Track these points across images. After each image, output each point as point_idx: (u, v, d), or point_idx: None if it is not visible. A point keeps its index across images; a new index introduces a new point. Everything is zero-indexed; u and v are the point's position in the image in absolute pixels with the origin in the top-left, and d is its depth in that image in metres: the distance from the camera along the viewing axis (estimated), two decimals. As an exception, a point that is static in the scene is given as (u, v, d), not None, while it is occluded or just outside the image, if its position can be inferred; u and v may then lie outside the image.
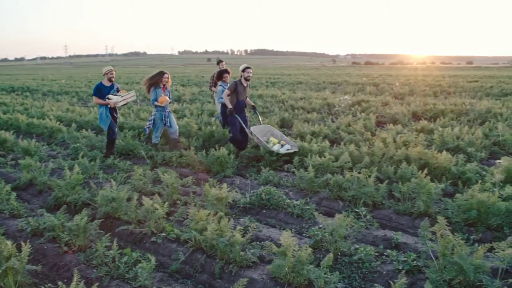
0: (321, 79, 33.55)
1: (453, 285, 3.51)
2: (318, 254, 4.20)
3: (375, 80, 30.41)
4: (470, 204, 4.74)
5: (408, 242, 4.54)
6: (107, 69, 8.42)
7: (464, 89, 21.84)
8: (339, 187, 5.72)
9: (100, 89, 8.30)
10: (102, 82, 8.38)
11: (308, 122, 10.80)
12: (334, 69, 75.72)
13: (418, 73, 48.47)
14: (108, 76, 8.35)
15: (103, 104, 8.26)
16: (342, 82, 29.15)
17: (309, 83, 29.59)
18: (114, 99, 8.23)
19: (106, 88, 8.35)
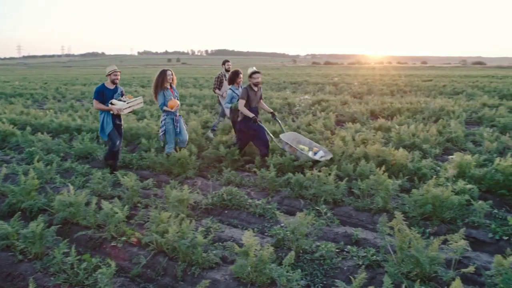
0: (281, 79, 33.80)
1: (411, 278, 3.63)
2: (280, 253, 4.23)
3: (334, 80, 30.93)
4: (425, 198, 4.91)
5: (367, 237, 4.66)
6: (111, 69, 7.21)
7: (419, 88, 22.56)
8: (300, 185, 5.80)
9: (102, 92, 7.12)
10: (104, 84, 7.23)
11: (269, 122, 10.84)
12: (294, 69, 76.51)
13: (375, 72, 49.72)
14: (112, 77, 7.17)
15: (105, 110, 7.11)
16: (303, 82, 29.49)
17: (269, 83, 29.74)
18: (118, 105, 7.09)
19: (109, 92, 7.20)
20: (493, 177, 5.81)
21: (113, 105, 7.08)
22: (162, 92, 7.27)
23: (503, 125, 10.45)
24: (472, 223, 4.86)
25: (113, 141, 7.23)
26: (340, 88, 22.77)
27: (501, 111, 12.26)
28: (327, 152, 7.14)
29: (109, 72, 7.18)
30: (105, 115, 7.17)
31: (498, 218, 5.00)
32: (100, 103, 7.10)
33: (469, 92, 20.03)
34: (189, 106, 15.06)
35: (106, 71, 7.23)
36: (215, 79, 10.01)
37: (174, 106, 7.23)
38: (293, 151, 6.89)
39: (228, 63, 10.06)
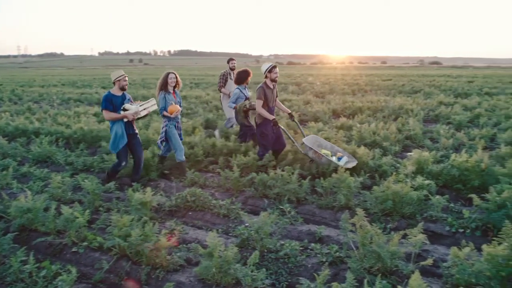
0: (245, 79, 33.81)
1: (373, 272, 3.72)
2: (245, 253, 4.24)
3: (297, 80, 31.24)
4: (386, 195, 5.05)
5: (331, 235, 4.73)
6: (118, 74, 6.40)
7: (379, 87, 23.13)
8: (264, 185, 5.83)
9: (110, 100, 6.33)
10: (111, 92, 6.43)
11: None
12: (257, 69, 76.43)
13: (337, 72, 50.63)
14: (121, 83, 6.37)
15: (118, 118, 6.33)
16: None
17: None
18: (133, 109, 6.37)
19: (118, 99, 6.41)
20: (449, 173, 6.04)
21: (126, 111, 6.34)
22: (164, 96, 6.81)
23: (458, 122, 10.86)
24: (430, 217, 5.03)
25: (120, 160, 6.53)
26: (303, 88, 23.05)
27: (456, 109, 12.75)
28: (351, 157, 6.79)
29: (117, 78, 6.37)
30: (118, 126, 6.37)
31: (454, 211, 5.19)
32: (111, 112, 6.33)
33: (426, 91, 20.71)
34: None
35: (112, 77, 6.42)
36: (220, 78, 9.53)
37: (173, 112, 6.76)
38: (318, 156, 6.49)
39: (233, 61, 9.68)
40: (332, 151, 6.94)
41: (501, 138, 8.62)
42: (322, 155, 6.43)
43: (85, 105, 17.14)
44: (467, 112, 12.61)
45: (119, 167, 6.59)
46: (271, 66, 6.75)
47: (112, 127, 6.43)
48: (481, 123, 10.99)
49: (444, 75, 40.06)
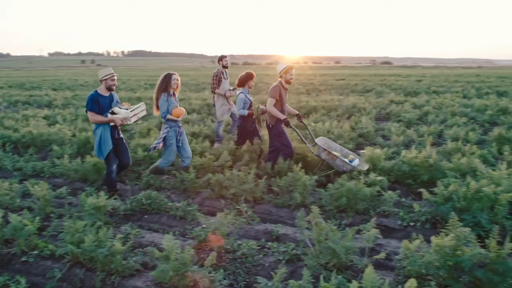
0: (200, 80, 33.70)
1: (329, 268, 3.79)
2: (203, 254, 4.21)
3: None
4: (340, 192, 5.17)
5: (287, 233, 4.78)
6: (106, 72, 5.88)
7: (333, 87, 23.62)
8: (220, 186, 5.82)
9: (97, 101, 5.78)
10: (98, 92, 5.88)
11: (188, 123, 10.77)
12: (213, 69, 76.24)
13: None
14: (108, 82, 5.86)
15: (105, 122, 5.84)
16: (221, 82, 29.51)
17: (188, 84, 29.52)
18: (122, 114, 5.86)
19: (105, 100, 5.88)
20: (400, 168, 6.26)
21: (115, 115, 5.86)
22: (166, 99, 6.27)
23: (408, 120, 11.26)
24: (383, 212, 5.19)
25: (109, 166, 6.00)
26: (259, 88, 23.16)
27: (406, 107, 13.21)
28: (360, 159, 6.58)
29: (104, 77, 5.85)
30: (102, 130, 5.86)
31: (405, 206, 5.38)
32: (97, 115, 5.80)
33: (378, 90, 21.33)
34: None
35: (99, 75, 5.89)
36: (213, 78, 8.77)
37: (180, 115, 6.29)
38: (332, 158, 6.19)
39: (225, 59, 8.97)
40: (342, 153, 6.75)
41: (448, 135, 9.03)
42: (336, 156, 6.17)
43: (34, 108, 16.48)
44: (416, 110, 13.09)
45: (111, 174, 6.05)
46: (287, 67, 6.53)
47: (96, 130, 5.91)
48: (429, 120, 11.45)
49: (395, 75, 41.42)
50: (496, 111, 12.90)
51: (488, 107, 13.55)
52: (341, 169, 6.12)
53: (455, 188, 4.95)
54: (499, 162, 6.54)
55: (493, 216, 4.63)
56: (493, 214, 4.64)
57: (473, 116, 12.33)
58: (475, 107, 13.78)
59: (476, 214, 4.62)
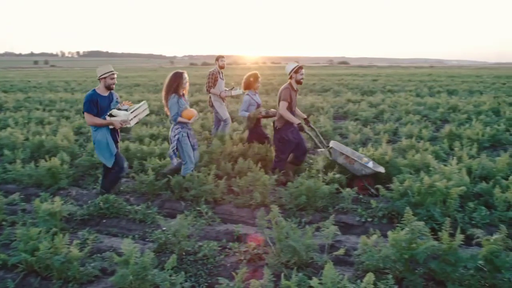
0: (159, 81, 33.24)
1: (290, 266, 3.83)
2: (163, 257, 4.16)
3: (212, 80, 31.20)
4: (300, 190, 5.24)
5: (248, 232, 4.79)
6: (105, 70, 5.46)
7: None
8: (180, 187, 5.76)
9: (95, 101, 5.39)
10: (96, 91, 5.50)
11: (147, 125, 10.61)
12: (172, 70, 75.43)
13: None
14: (108, 81, 5.48)
15: (103, 125, 5.49)
16: (180, 83, 29.24)
17: (146, 85, 29.10)
18: (121, 116, 5.49)
19: (104, 100, 5.50)
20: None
21: (113, 117, 5.48)
22: (177, 100, 5.83)
23: (364, 118, 11.55)
24: (342, 209, 5.30)
25: (119, 164, 5.67)
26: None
27: (362, 106, 13.54)
28: (375, 163, 6.34)
29: (103, 75, 5.44)
30: (102, 134, 5.50)
31: (363, 202, 5.51)
32: (95, 117, 5.43)
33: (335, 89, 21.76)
34: (60, 112, 14.06)
35: (98, 73, 5.48)
36: (209, 77, 8.49)
37: (191, 117, 5.90)
38: (350, 162, 5.94)
39: (222, 59, 8.62)
40: (353, 156, 6.37)
41: (402, 132, 9.34)
42: (354, 159, 5.95)
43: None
44: (372, 108, 13.47)
45: (122, 172, 5.79)
46: (297, 67, 6.23)
47: (96, 134, 5.51)
48: (385, 118, 11.79)
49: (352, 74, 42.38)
50: (447, 109, 13.46)
51: (440, 105, 14.13)
52: (359, 173, 5.93)
53: (409, 183, 5.12)
54: (450, 157, 6.82)
55: (445, 210, 4.82)
56: (445, 208, 4.83)
57: (426, 114, 12.82)
58: (427, 105, 14.35)
59: (429, 208, 4.80)
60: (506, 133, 9.62)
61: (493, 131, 9.11)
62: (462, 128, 9.68)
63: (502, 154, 6.63)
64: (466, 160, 6.32)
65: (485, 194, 5.43)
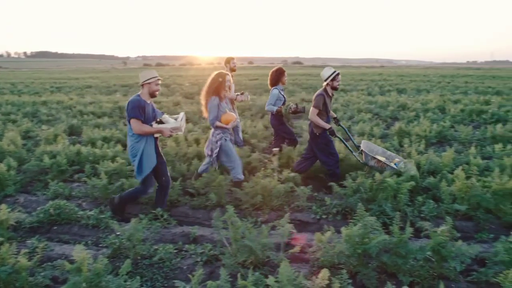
0: (111, 82, 32.49)
1: (246, 266, 3.85)
2: (118, 263, 4.07)
3: (166, 81, 30.87)
4: (255, 190, 5.26)
5: (205, 234, 4.77)
6: (150, 75, 4.98)
7: (246, 87, 23.92)
8: (135, 190, 5.65)
9: (143, 107, 4.87)
10: (141, 97, 4.99)
11: (99, 127, 10.34)
12: (125, 71, 74.09)
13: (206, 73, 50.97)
14: (152, 87, 4.98)
15: (152, 133, 4.97)
16: (134, 84, 28.76)
17: (99, 86, 28.33)
18: (171, 124, 5.04)
19: (148, 108, 4.98)
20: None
21: (162, 125, 5.01)
22: (217, 103, 5.53)
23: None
24: (297, 207, 5.38)
25: (146, 186, 5.12)
26: (172, 89, 22.89)
27: (316, 105, 13.73)
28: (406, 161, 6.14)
29: (147, 80, 4.94)
30: (148, 143, 4.96)
31: (318, 200, 5.61)
32: (144, 124, 4.89)
33: (290, 89, 21.99)
34: (5, 115, 13.44)
35: (141, 78, 5.00)
36: None
37: (230, 121, 5.57)
38: (381, 166, 5.83)
39: (233, 61, 8.08)
40: (384, 156, 6.39)
41: (355, 130, 9.58)
42: (386, 164, 5.83)
43: None
44: (326, 107, 13.68)
45: (144, 194, 5.25)
46: (335, 74, 6.04)
47: (138, 144, 4.92)
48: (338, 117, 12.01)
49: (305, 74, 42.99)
50: (397, 107, 13.94)
51: (390, 104, 14.61)
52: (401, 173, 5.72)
53: (362, 180, 5.27)
54: (400, 154, 7.06)
55: (396, 204, 4.99)
56: (396, 202, 5.01)
57: (377, 112, 13.22)
58: (378, 104, 14.80)
59: (381, 203, 4.96)
60: (451, 129, 10.09)
61: (439, 127, 9.51)
62: (411, 125, 10.06)
63: (447, 149, 6.93)
64: (415, 156, 6.56)
65: (433, 188, 5.66)
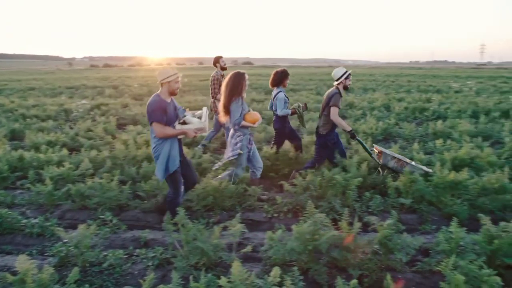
0: (56, 84, 31.22)
1: (199, 268, 3.82)
2: (65, 271, 3.93)
3: (114, 83, 30.13)
4: (207, 191, 5.24)
5: (156, 237, 4.70)
6: (169, 73, 4.62)
7: (197, 87, 23.80)
8: (82, 196, 5.47)
9: (164, 108, 4.56)
10: (161, 96, 4.64)
11: (43, 131, 9.93)
12: (71, 72, 71.48)
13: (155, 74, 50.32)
14: (172, 85, 4.64)
15: (176, 135, 4.70)
16: (80, 86, 27.84)
17: (43, 88, 27.13)
18: (195, 124, 4.77)
19: (169, 107, 4.68)
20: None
21: (186, 126, 4.74)
22: (241, 103, 5.37)
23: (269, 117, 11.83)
24: (249, 207, 5.40)
25: (177, 186, 4.82)
26: (121, 91, 22.36)
27: (266, 105, 13.87)
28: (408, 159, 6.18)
29: (167, 78, 4.60)
30: (172, 145, 4.69)
31: (269, 199, 5.65)
32: (167, 126, 4.59)
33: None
34: None
35: (159, 77, 4.63)
36: (213, 82, 7.88)
37: (256, 120, 5.43)
38: (401, 165, 5.85)
39: (222, 59, 8.06)
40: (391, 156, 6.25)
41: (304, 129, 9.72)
42: (406, 162, 5.84)
43: None
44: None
45: (178, 198, 4.88)
46: (348, 73, 6.05)
47: (161, 147, 4.66)
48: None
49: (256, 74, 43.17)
50: (345, 106, 14.33)
51: (338, 102, 14.93)
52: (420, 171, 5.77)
53: (311, 178, 5.37)
54: (348, 151, 7.24)
55: (344, 200, 5.14)
56: (344, 199, 5.15)
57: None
58: (322, 103, 15.09)
59: (330, 200, 5.08)
60: (396, 126, 10.50)
61: (385, 125, 9.87)
62: (358, 123, 10.36)
63: (392, 145, 7.20)
64: (363, 153, 6.76)
65: (379, 183, 5.86)
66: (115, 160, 6.80)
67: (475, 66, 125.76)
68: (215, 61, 8.07)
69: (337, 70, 6.14)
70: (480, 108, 13.42)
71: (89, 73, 63.63)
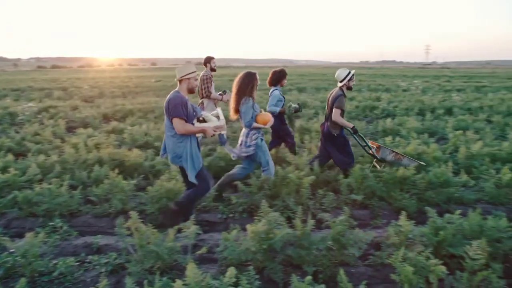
0: (0, 86, 29.82)
1: (154, 272, 3.77)
2: (12, 283, 3.76)
3: (63, 84, 29.16)
4: (160, 193, 5.16)
5: (109, 243, 4.58)
6: (189, 70, 4.60)
7: (150, 89, 23.46)
8: (30, 202, 5.25)
9: (185, 105, 4.51)
10: (181, 94, 4.58)
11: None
12: (16, 74, 68.47)
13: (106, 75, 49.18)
14: (192, 83, 4.62)
15: (195, 132, 4.66)
16: (26, 88, 26.71)
17: (-15, 91, 25.85)
18: (213, 122, 4.79)
19: (189, 104, 4.64)
20: (217, 164, 6.56)
21: (205, 124, 4.75)
22: (252, 104, 5.30)
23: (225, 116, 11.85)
24: (204, 208, 5.38)
25: (206, 180, 4.78)
26: (70, 93, 21.68)
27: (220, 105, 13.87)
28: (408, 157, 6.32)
29: (186, 75, 4.56)
30: (192, 144, 4.65)
31: (224, 199, 5.65)
32: (188, 123, 4.55)
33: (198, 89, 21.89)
34: None
35: (178, 73, 4.57)
36: (204, 82, 7.68)
37: (268, 121, 5.37)
38: (399, 158, 6.13)
39: (213, 61, 7.91)
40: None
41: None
42: (403, 156, 6.14)
43: None
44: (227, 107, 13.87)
45: (208, 190, 4.90)
46: (352, 74, 6.15)
47: (183, 143, 4.60)
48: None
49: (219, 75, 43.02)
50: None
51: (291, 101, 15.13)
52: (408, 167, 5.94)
53: (266, 177, 5.41)
54: (302, 150, 7.37)
55: (298, 198, 5.21)
56: (298, 197, 5.23)
57: (280, 110, 13.63)
58: (280, 102, 15.24)
59: (284, 199, 5.14)
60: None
61: (337, 123, 10.08)
62: (311, 122, 10.54)
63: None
64: (315, 152, 6.89)
65: (332, 180, 5.99)
66: (64, 164, 6.57)
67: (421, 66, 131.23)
68: (205, 61, 8.01)
69: (341, 71, 6.24)
70: (426, 106, 14.05)
71: (36, 74, 61.19)
